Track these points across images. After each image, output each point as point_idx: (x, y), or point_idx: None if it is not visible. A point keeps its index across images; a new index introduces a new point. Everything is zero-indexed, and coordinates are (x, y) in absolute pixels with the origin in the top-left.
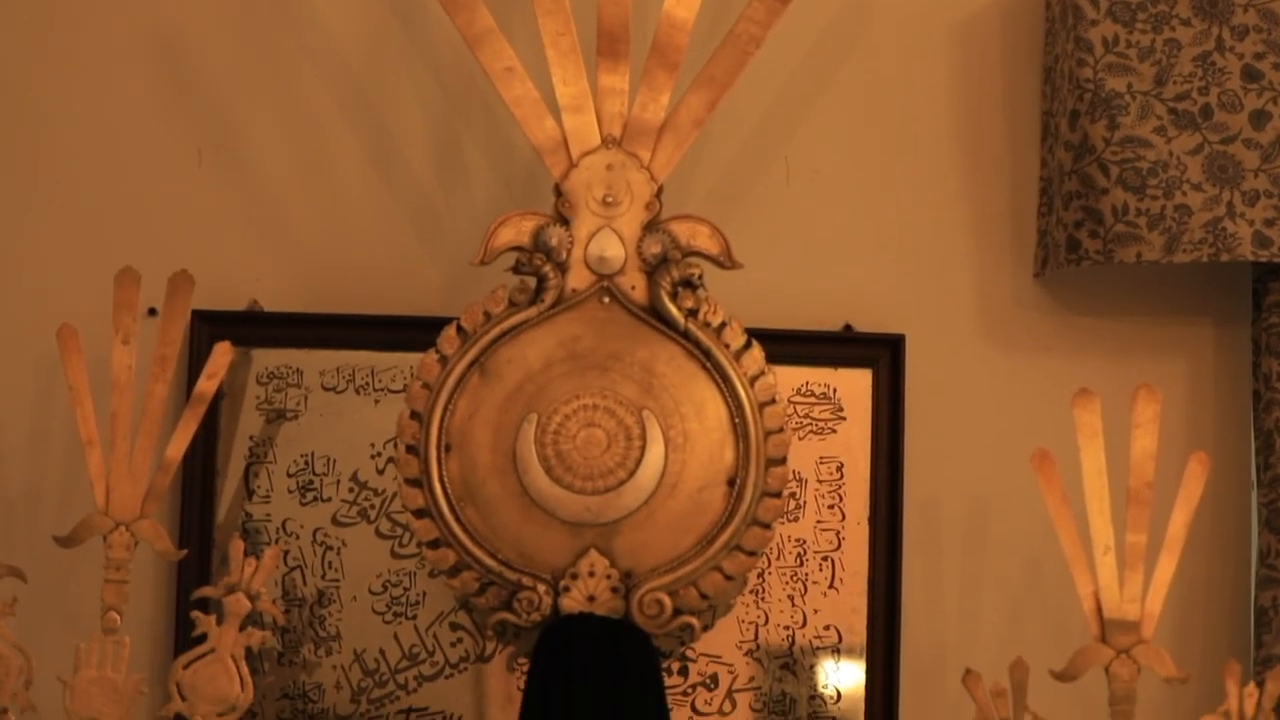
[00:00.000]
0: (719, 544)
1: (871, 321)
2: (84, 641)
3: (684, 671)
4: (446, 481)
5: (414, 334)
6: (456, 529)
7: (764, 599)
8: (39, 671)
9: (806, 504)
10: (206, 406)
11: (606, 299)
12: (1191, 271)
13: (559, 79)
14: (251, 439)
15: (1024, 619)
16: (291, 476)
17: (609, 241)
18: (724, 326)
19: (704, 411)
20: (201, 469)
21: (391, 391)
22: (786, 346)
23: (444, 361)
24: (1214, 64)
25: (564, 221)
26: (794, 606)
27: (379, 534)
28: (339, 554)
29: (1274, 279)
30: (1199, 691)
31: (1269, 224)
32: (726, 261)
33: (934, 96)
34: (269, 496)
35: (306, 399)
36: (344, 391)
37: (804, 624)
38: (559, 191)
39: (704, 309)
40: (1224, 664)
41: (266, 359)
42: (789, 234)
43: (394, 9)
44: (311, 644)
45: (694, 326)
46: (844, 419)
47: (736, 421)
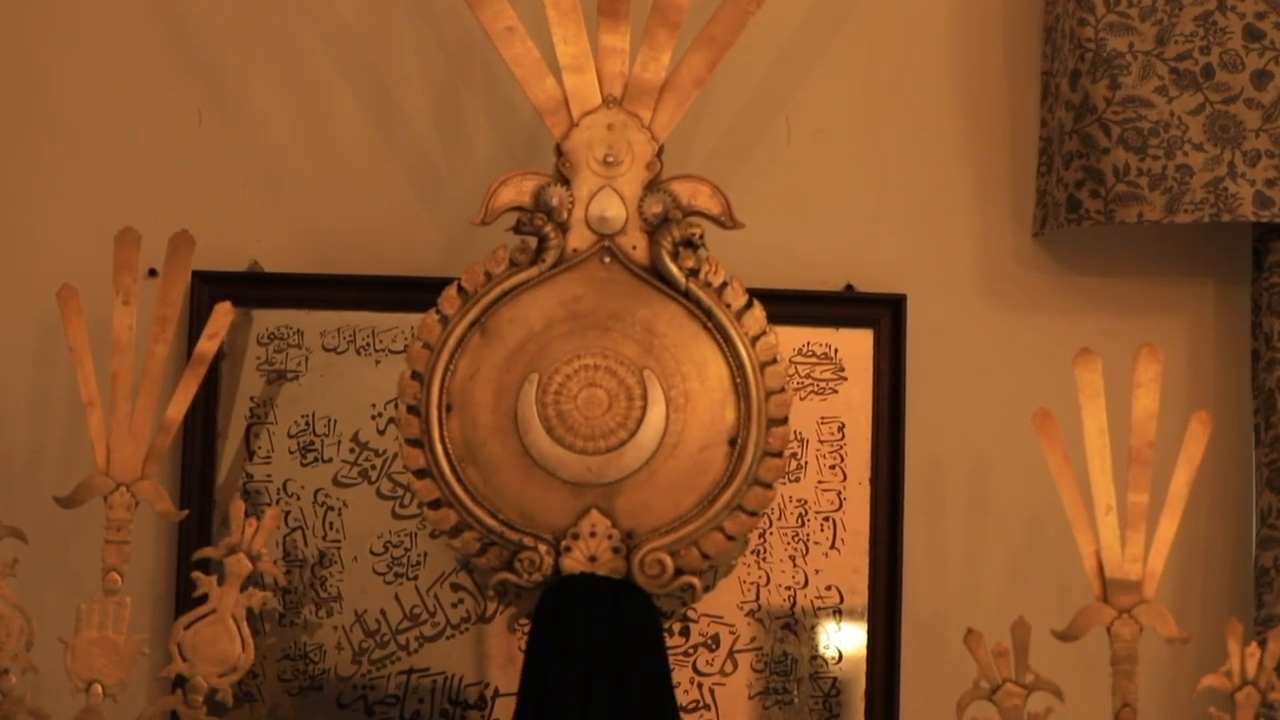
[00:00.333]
0: (720, 504)
1: (872, 281)
2: (85, 602)
3: (685, 632)
4: (447, 442)
5: (415, 294)
6: (458, 489)
7: (765, 559)
8: (40, 632)
9: (808, 464)
10: (207, 367)
11: (607, 259)
12: (1192, 231)
13: (559, 38)
14: (252, 400)
15: (1025, 579)
16: (292, 437)
17: (610, 201)
18: (725, 286)
19: (705, 371)
20: (202, 430)
21: (392, 352)
22: (787, 306)
23: (445, 321)
24: (1215, 23)
25: (565, 181)
26: (795, 567)
27: (380, 495)
28: (340, 515)
29: (1275, 239)
30: (1201, 651)
31: (1270, 184)
32: (728, 221)
33: (934, 56)
34: (269, 457)
35: (307, 359)
36: (345, 352)
37: (805, 584)
38: (560, 151)
39: (705, 269)
40: (1225, 624)
41: (267, 319)
42: (790, 194)
43: None
44: (312, 605)
45: (695, 286)
46: (845, 379)
47: (738, 381)
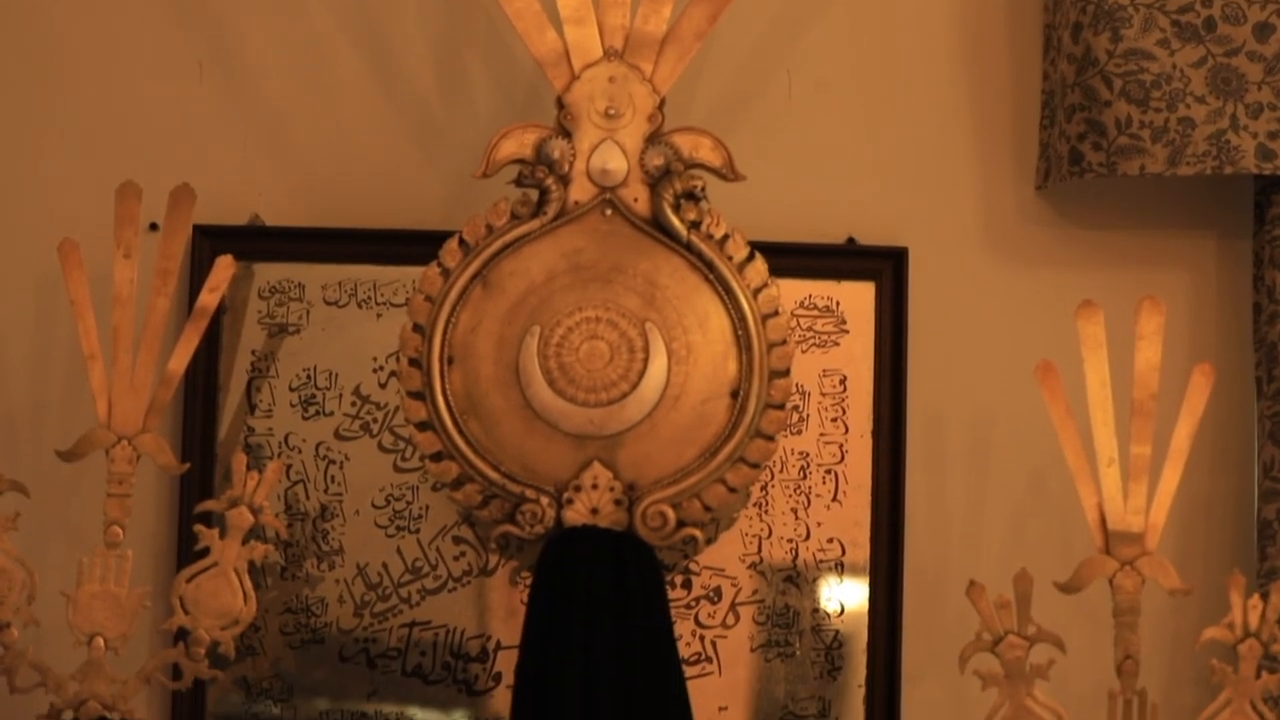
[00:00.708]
0: (722, 456)
1: (874, 234)
2: (86, 556)
3: (687, 584)
4: (449, 394)
5: (416, 247)
6: (459, 441)
7: (767, 512)
8: (41, 586)
9: (809, 417)
10: (208, 320)
11: (609, 211)
12: (1194, 184)
13: None
14: (253, 353)
15: (1027, 531)
16: (294, 391)
17: (611, 154)
18: (727, 239)
19: (707, 324)
20: (203, 383)
21: (393, 305)
22: (789, 259)
23: (446, 274)
24: None
25: (566, 134)
26: (797, 519)
27: (381, 448)
28: (341, 468)
29: (1277, 192)
30: (1203, 603)
31: (1272, 137)
32: (729, 173)
33: (936, 8)
34: (271, 411)
35: (308, 313)
36: (346, 305)
37: (807, 537)
38: (561, 104)
39: (707, 221)
40: (1228, 576)
41: (268, 273)
42: (791, 147)
43: None
44: (314, 558)
45: (697, 238)
46: (847, 332)
47: (739, 334)
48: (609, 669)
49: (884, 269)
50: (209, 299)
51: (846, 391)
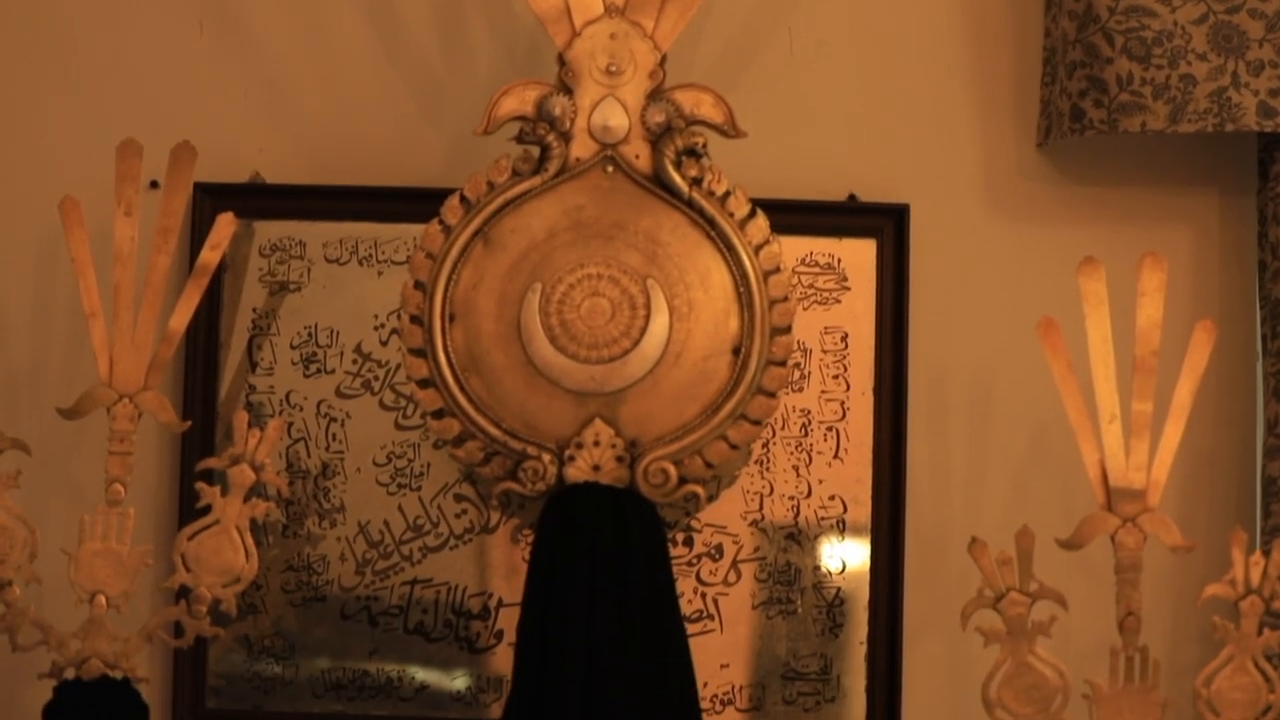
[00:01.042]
0: (724, 413)
1: (876, 191)
2: (88, 514)
3: (689, 542)
4: (451, 351)
5: (417, 205)
6: (461, 398)
7: (769, 469)
8: (43, 544)
9: (811, 374)
10: (209, 278)
11: (610, 168)
12: (1197, 141)
13: None
14: (254, 311)
15: (1029, 487)
16: (295, 348)
17: (612, 110)
18: (728, 195)
19: (709, 280)
20: (204, 341)
21: (394, 263)
22: (790, 216)
23: (448, 231)
24: None
25: (567, 91)
26: (799, 477)
27: (383, 406)
28: (343, 426)
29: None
30: (1205, 560)
31: (1273, 94)
32: (730, 130)
33: None
34: (272, 369)
35: (309, 271)
36: (347, 263)
37: (809, 494)
38: (562, 60)
39: (708, 178)
40: (1229, 533)
41: (269, 231)
42: (793, 104)
43: None
44: (316, 516)
45: (698, 195)
46: (848, 289)
47: (741, 290)
48: (611, 626)
49: (885, 226)
50: (210, 257)
51: (848, 348)
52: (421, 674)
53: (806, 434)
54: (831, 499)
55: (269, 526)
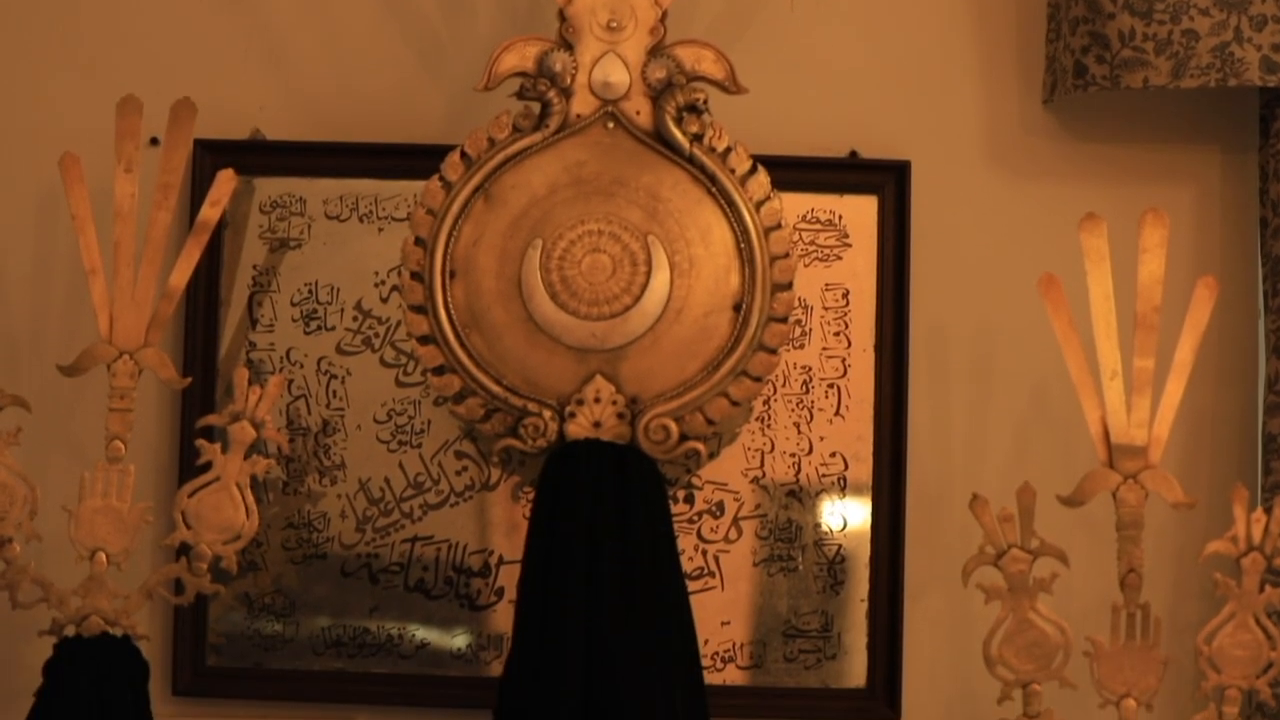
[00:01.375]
0: (725, 369)
1: (877, 148)
2: (88, 471)
3: (690, 499)
4: (451, 307)
5: (417, 161)
6: (461, 355)
7: (770, 426)
8: (44, 501)
9: (812, 331)
10: (210, 234)
11: (611, 124)
12: (1199, 97)
13: None
14: (255, 268)
15: (1030, 444)
16: (295, 305)
17: (613, 66)
18: (729, 151)
19: (709, 237)
20: (205, 298)
21: (395, 220)
22: (791, 173)
23: (448, 187)
24: None
25: (568, 47)
26: (800, 434)
27: (383, 363)
28: (343, 383)
29: None
30: (1206, 517)
31: (1276, 49)
32: (731, 86)
33: None
34: (272, 325)
35: (310, 227)
36: (347, 220)
37: (810, 451)
38: (563, 16)
39: (709, 134)
40: (1231, 490)
41: (269, 187)
42: (794, 60)
43: None
44: (316, 473)
45: (699, 151)
46: (849, 246)
47: (742, 246)
48: (611, 583)
49: (887, 183)
50: (210, 213)
51: (849, 305)
52: (422, 632)
53: (808, 391)
54: (832, 456)
55: (269, 484)
